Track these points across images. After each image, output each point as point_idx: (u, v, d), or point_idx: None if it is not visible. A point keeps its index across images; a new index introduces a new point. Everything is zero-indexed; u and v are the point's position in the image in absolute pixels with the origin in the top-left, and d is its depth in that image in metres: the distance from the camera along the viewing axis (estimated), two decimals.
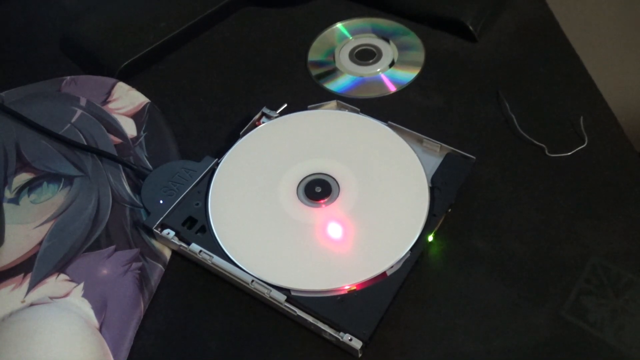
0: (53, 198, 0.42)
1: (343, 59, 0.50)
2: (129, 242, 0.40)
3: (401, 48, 0.50)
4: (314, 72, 0.50)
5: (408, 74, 0.48)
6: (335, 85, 0.48)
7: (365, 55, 0.50)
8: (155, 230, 0.38)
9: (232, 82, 0.50)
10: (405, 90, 0.48)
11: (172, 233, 0.38)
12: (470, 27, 0.50)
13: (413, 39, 0.51)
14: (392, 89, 0.48)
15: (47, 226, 0.41)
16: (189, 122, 0.47)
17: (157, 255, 0.39)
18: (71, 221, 0.41)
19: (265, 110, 0.44)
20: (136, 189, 0.42)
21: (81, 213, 0.41)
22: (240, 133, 0.43)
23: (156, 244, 0.40)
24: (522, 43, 0.50)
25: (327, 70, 0.50)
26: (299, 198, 0.39)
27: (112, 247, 0.40)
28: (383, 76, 0.49)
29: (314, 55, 0.51)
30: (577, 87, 0.46)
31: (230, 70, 0.51)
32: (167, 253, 0.40)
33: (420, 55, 0.50)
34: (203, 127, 0.47)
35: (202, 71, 0.51)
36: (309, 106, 0.45)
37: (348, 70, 0.49)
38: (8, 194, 0.43)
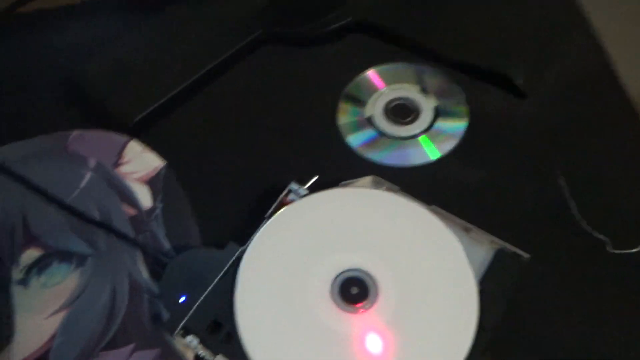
0: (65, 282, 0.39)
1: (377, 117, 0.45)
2: (148, 340, 0.37)
3: (443, 107, 0.45)
4: (345, 132, 0.45)
5: (449, 141, 0.44)
6: (372, 152, 0.44)
7: (402, 113, 0.46)
8: (176, 337, 0.35)
9: (252, 139, 0.46)
10: (446, 159, 0.43)
11: (196, 341, 0.35)
12: (518, 84, 0.45)
13: (457, 95, 0.46)
14: (431, 157, 0.43)
15: (59, 317, 0.38)
16: (206, 184, 0.43)
17: (179, 358, 0.36)
18: (85, 312, 0.38)
19: (293, 186, 0.40)
20: (154, 273, 0.39)
21: (95, 303, 0.38)
22: (266, 215, 0.39)
23: (178, 344, 0.37)
24: (578, 102, 0.45)
25: (358, 130, 0.45)
26: (334, 301, 0.36)
27: (131, 346, 0.37)
28: (421, 140, 0.44)
29: (343, 114, 0.46)
30: None
31: (249, 125, 0.46)
32: (191, 354, 0.37)
33: (463, 114, 0.45)
34: (220, 193, 0.43)
35: (218, 126, 0.46)
36: (342, 182, 0.40)
37: (383, 131, 0.45)
38: (16, 274, 0.40)
